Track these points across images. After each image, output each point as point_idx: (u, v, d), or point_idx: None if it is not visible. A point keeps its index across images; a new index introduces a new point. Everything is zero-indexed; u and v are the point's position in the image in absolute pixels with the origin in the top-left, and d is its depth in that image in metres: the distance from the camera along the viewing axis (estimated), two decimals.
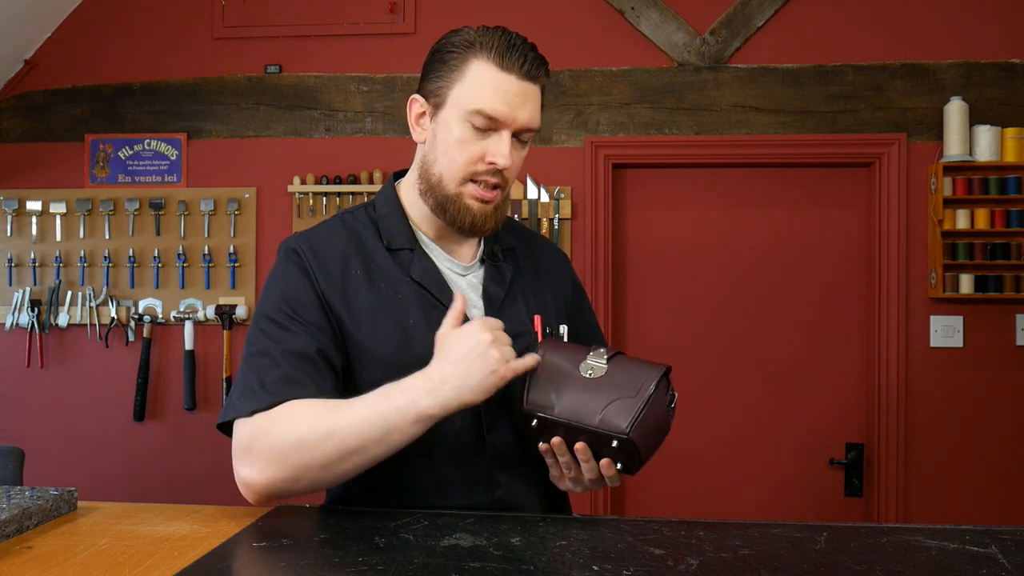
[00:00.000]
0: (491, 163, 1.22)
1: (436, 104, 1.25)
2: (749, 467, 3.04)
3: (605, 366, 1.20)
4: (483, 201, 1.24)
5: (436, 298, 1.26)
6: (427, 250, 1.31)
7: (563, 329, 1.32)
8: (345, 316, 1.23)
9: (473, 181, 1.23)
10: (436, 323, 1.19)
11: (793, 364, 3.04)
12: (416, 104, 1.29)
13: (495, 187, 1.24)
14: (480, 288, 1.32)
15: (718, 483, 3.05)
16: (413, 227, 1.32)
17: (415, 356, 1.19)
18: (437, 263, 1.30)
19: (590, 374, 1.19)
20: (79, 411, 3.18)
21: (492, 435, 1.25)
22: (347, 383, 1.23)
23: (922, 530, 1.10)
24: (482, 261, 1.34)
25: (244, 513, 1.19)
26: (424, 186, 1.28)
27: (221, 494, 3.05)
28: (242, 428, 1.15)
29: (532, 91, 1.23)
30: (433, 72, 1.26)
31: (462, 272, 1.32)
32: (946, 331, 2.91)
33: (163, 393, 3.16)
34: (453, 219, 1.26)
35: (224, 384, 3.08)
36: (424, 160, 1.28)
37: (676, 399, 1.24)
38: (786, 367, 3.04)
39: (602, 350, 1.22)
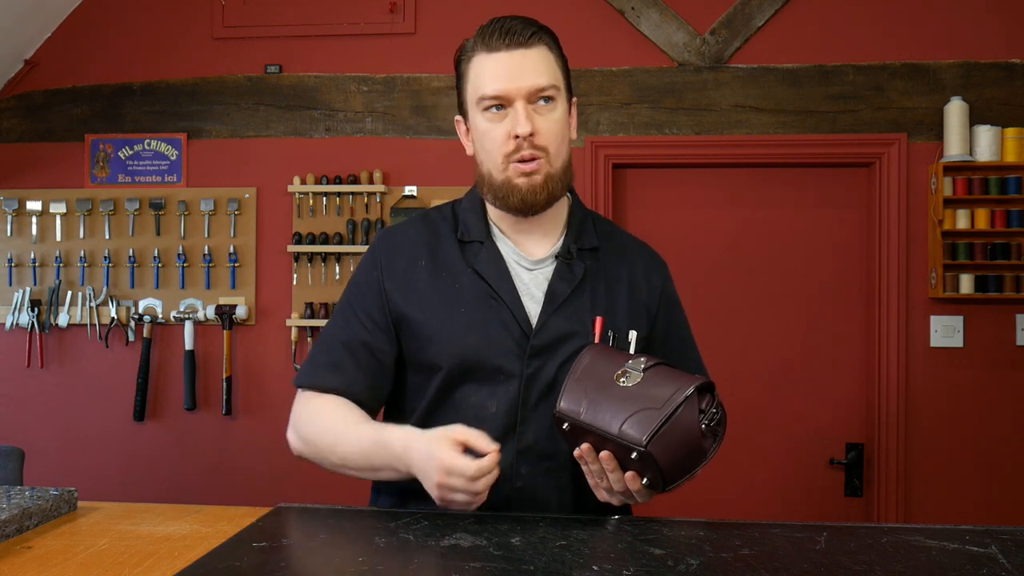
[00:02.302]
0: (516, 136, 1.25)
1: (465, 114, 1.35)
2: (749, 467, 3.04)
3: (640, 375, 1.17)
4: (526, 175, 1.27)
5: (493, 289, 1.30)
6: (498, 244, 1.35)
7: (633, 335, 1.29)
8: (403, 305, 1.32)
9: (518, 162, 1.28)
10: (488, 313, 1.29)
11: (793, 364, 3.04)
12: (460, 124, 1.38)
13: (534, 159, 1.27)
14: (545, 285, 1.33)
15: (718, 483, 3.05)
16: (490, 222, 1.37)
17: (462, 343, 1.28)
18: (506, 256, 1.34)
19: (624, 382, 1.16)
20: (79, 411, 3.18)
21: (523, 427, 1.28)
22: (413, 360, 1.34)
23: (922, 530, 1.10)
24: (556, 258, 1.35)
25: (244, 513, 1.20)
26: (483, 188, 1.34)
27: (221, 494, 3.06)
28: (298, 401, 1.35)
29: (527, 56, 1.27)
30: (457, 89, 1.35)
31: (531, 267, 1.34)
32: (946, 331, 2.91)
33: (163, 393, 3.16)
34: (507, 203, 1.30)
35: (224, 384, 3.07)
36: (475, 164, 1.35)
37: (722, 418, 1.16)
38: (786, 367, 3.04)
39: (642, 359, 1.19)
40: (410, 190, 3.06)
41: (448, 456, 1.11)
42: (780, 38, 2.99)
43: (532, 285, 1.33)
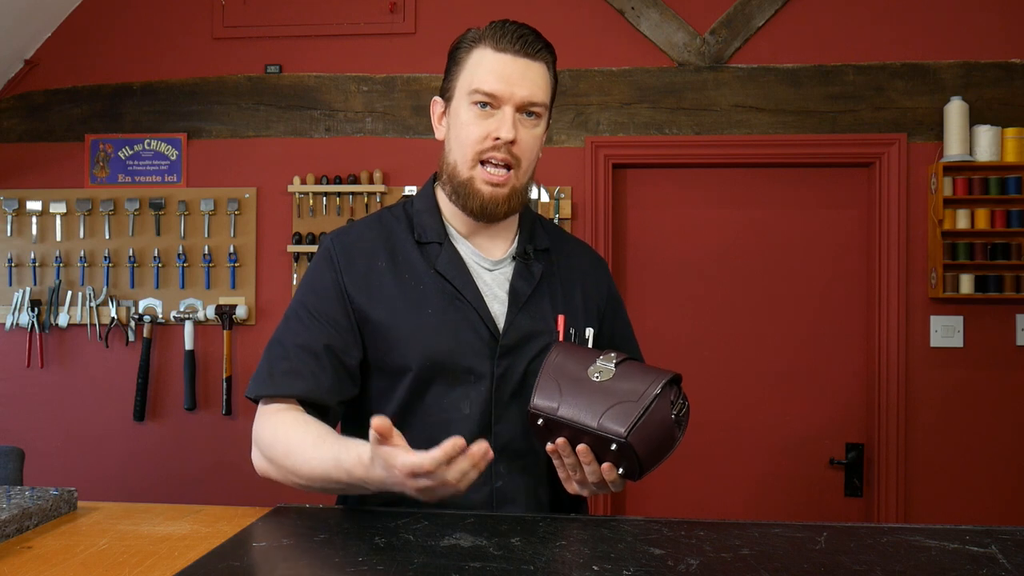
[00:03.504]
0: (496, 138, 1.25)
1: (448, 99, 1.33)
2: (749, 467, 3.04)
3: (613, 370, 1.20)
4: (493, 184, 1.27)
5: (457, 290, 1.30)
6: (456, 244, 1.35)
7: (589, 332, 1.33)
8: (367, 306, 1.29)
9: (484, 164, 1.28)
10: (455, 314, 1.28)
11: (793, 364, 3.04)
12: (436, 105, 1.37)
13: (507, 167, 1.27)
14: (507, 284, 1.34)
15: (718, 483, 3.05)
16: (446, 223, 1.36)
17: (432, 345, 1.26)
18: (465, 257, 1.34)
19: (597, 377, 1.20)
20: (79, 411, 3.18)
21: (499, 426, 1.28)
22: (379, 364, 1.30)
23: (922, 530, 1.10)
24: (513, 258, 1.36)
25: (244, 513, 1.20)
26: (444, 176, 1.34)
27: (221, 494, 3.06)
28: (259, 417, 1.28)
29: (531, 67, 1.27)
30: (447, 73, 1.34)
31: (490, 267, 1.35)
32: (946, 331, 2.91)
33: (163, 393, 3.16)
34: (465, 203, 1.30)
35: (224, 384, 3.07)
36: (443, 151, 1.34)
37: (687, 409, 1.22)
38: (786, 367, 3.04)
39: (612, 354, 1.23)
40: (410, 190, 3.06)
41: (403, 459, 1.03)
42: (780, 38, 2.99)
43: (494, 285, 1.34)
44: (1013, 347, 2.91)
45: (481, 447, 1.04)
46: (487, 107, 1.27)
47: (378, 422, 1.03)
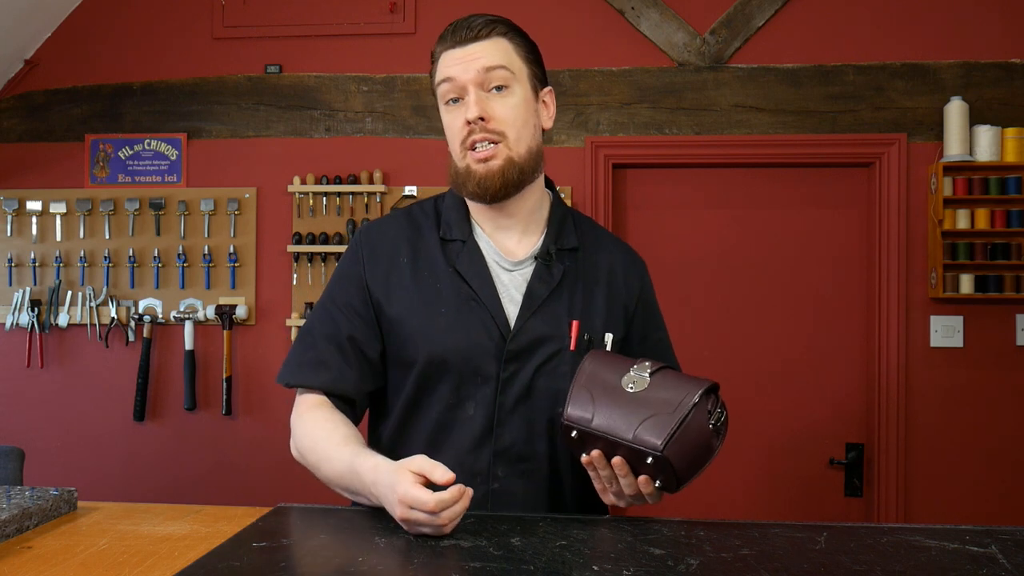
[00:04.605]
0: (467, 122, 1.27)
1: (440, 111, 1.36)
2: (749, 467, 3.04)
3: (648, 379, 1.18)
4: (482, 160, 1.28)
5: (474, 292, 1.30)
6: (480, 243, 1.35)
7: (608, 338, 1.30)
8: (383, 300, 1.32)
9: (471, 149, 1.29)
10: (468, 314, 1.28)
11: (793, 364, 3.04)
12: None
13: (490, 143, 1.28)
14: (524, 286, 1.32)
15: (718, 483, 3.05)
16: (473, 221, 1.37)
17: (440, 344, 1.28)
18: (486, 257, 1.34)
19: (631, 387, 1.17)
20: (79, 411, 3.18)
21: (500, 429, 1.28)
22: (393, 357, 1.33)
23: (922, 530, 1.10)
24: (535, 259, 1.34)
25: (244, 513, 1.20)
26: (450, 179, 1.35)
27: (221, 494, 3.06)
28: (295, 410, 1.32)
29: (477, 49, 1.29)
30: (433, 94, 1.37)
31: (510, 268, 1.34)
32: (946, 331, 2.91)
33: (163, 393, 3.16)
34: (464, 187, 1.31)
35: (224, 384, 3.07)
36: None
37: (725, 417, 1.19)
38: (786, 367, 3.04)
39: (647, 363, 1.20)
40: (410, 190, 3.06)
41: (407, 490, 1.02)
42: (780, 38, 2.99)
43: (511, 287, 1.33)
44: (1013, 347, 2.91)
45: (469, 492, 1.05)
46: (458, 101, 1.29)
47: (445, 478, 1.03)
